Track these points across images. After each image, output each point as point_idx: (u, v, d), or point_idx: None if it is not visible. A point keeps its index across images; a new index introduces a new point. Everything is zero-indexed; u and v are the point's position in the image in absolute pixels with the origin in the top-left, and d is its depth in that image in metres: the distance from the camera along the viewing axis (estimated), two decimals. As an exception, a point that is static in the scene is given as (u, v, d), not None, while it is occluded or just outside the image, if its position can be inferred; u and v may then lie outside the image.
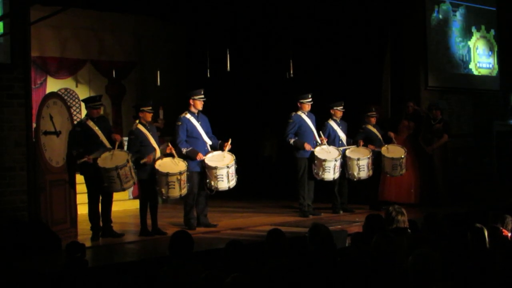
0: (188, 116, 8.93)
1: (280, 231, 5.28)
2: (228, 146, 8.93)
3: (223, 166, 8.73)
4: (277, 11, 12.24)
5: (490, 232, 5.89)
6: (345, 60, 12.14)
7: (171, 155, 8.67)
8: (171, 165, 8.53)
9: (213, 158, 8.88)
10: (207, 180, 8.80)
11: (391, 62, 12.14)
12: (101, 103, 8.84)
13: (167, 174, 8.37)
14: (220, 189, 8.85)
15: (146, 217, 8.61)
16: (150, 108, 8.75)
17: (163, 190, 8.45)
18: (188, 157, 8.77)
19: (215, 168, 8.71)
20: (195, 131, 8.94)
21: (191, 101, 8.98)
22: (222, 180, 8.75)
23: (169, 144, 8.78)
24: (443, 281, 4.10)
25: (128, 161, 8.16)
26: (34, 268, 6.57)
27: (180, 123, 8.90)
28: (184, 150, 8.80)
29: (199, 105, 8.98)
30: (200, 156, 8.81)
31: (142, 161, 8.40)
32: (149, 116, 8.71)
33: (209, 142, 9.04)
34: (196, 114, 9.00)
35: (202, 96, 8.99)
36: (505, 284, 4.67)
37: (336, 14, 11.98)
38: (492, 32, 13.63)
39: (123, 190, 8.60)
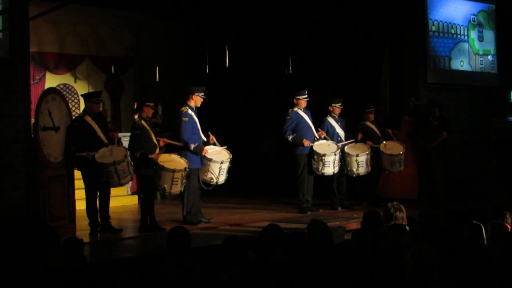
0: (190, 112, 8.94)
1: (276, 227, 5.28)
2: (213, 138, 9.02)
3: (218, 161, 8.86)
4: (276, 7, 12.22)
5: (492, 228, 5.89)
6: (344, 57, 12.14)
7: (165, 148, 8.72)
8: (175, 162, 8.61)
9: (214, 152, 8.96)
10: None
11: (390, 59, 12.14)
12: (101, 99, 8.86)
13: (173, 171, 8.43)
14: (209, 181, 8.95)
15: (147, 212, 8.62)
16: (153, 104, 8.84)
17: (166, 186, 8.47)
18: (194, 153, 8.81)
19: (210, 160, 8.85)
20: (195, 127, 8.97)
21: (193, 97, 8.98)
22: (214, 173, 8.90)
23: (162, 138, 8.85)
24: (441, 279, 4.10)
25: (126, 157, 8.18)
26: (32, 264, 6.56)
27: (187, 119, 8.88)
28: (192, 146, 8.82)
29: (200, 102, 9.01)
30: (205, 151, 8.88)
31: (150, 156, 8.45)
32: (151, 112, 8.77)
33: (204, 138, 9.07)
34: (195, 110, 9.01)
35: (204, 94, 9.02)
36: (503, 282, 4.66)
37: (335, 11, 11.96)
38: (492, 29, 13.62)
39: (121, 185, 8.60)
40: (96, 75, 13.73)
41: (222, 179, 8.99)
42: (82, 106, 11.12)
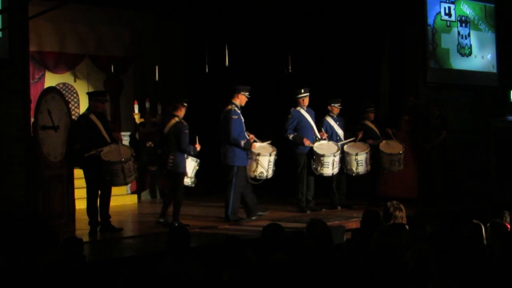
0: (237, 110, 9.04)
1: (277, 226, 5.28)
2: (253, 137, 9.21)
3: (267, 153, 9.15)
4: (276, 7, 12.22)
5: (492, 228, 5.89)
6: (344, 56, 12.13)
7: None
8: None
9: (259, 147, 9.25)
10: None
11: (390, 58, 12.13)
12: (107, 99, 8.87)
13: (197, 163, 8.90)
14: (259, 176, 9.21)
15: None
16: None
17: (190, 181, 8.82)
18: (244, 149, 8.98)
19: (258, 154, 9.09)
20: (242, 124, 9.11)
21: (238, 96, 9.09)
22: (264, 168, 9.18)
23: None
24: (441, 279, 4.10)
25: (132, 156, 8.24)
26: (32, 263, 6.56)
27: (236, 116, 9.01)
28: (242, 143, 8.96)
29: (244, 101, 9.17)
30: (254, 146, 9.08)
31: (197, 147, 8.68)
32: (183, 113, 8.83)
33: (247, 137, 9.19)
34: (240, 109, 9.12)
35: (248, 93, 9.17)
36: (503, 282, 4.67)
37: (335, 10, 11.96)
38: (492, 28, 13.61)
39: (126, 184, 8.68)
40: (96, 74, 13.73)
41: (271, 172, 9.26)
42: (82, 105, 11.14)
